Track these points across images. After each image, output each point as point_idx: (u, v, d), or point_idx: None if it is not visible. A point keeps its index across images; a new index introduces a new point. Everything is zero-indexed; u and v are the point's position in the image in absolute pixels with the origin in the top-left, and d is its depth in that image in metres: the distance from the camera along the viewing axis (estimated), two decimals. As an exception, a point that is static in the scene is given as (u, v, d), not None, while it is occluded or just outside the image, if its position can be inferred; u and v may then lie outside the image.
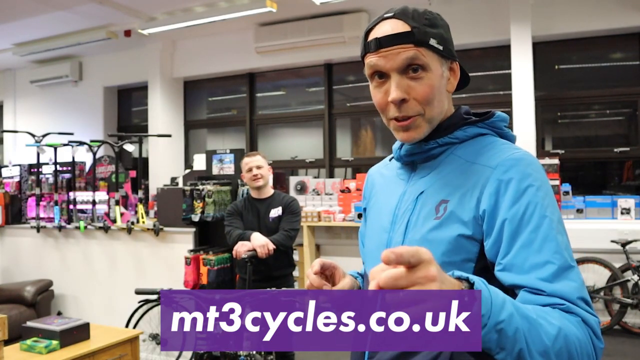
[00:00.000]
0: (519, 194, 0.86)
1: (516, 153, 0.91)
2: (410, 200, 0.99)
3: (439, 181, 0.96)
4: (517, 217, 0.85)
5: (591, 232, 4.62)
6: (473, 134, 0.99)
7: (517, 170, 0.88)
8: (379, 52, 0.93)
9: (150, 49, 7.04)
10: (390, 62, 0.92)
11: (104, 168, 5.06)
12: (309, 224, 5.38)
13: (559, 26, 5.32)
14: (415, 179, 1.01)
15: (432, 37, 0.93)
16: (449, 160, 0.97)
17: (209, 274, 3.55)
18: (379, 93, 0.96)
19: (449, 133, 0.98)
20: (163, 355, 3.95)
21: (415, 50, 0.91)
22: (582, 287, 0.83)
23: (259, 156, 3.18)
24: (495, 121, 1.00)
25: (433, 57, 0.94)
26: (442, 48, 0.95)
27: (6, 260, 4.94)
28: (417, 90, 0.92)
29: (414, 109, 0.93)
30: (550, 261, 0.82)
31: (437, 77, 0.94)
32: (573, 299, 0.81)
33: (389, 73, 0.93)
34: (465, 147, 0.98)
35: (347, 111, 6.89)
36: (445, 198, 0.93)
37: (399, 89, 0.92)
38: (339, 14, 5.98)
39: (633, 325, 4.42)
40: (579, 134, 5.95)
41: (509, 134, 1.02)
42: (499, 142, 0.97)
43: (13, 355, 2.40)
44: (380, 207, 1.08)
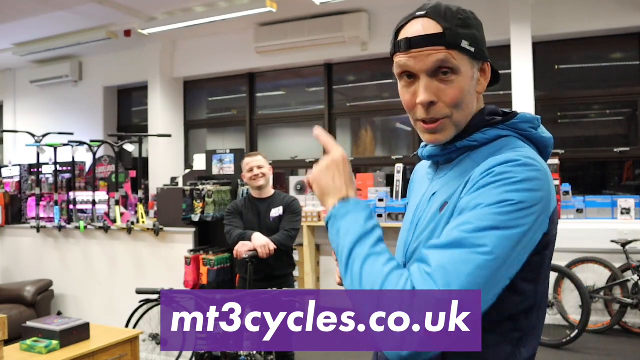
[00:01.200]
0: (484, 184, 0.83)
1: (517, 154, 0.85)
2: (425, 201, 1.01)
3: (448, 183, 0.97)
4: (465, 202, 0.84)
5: (591, 232, 4.61)
6: (493, 137, 0.95)
7: (501, 167, 0.83)
8: (409, 52, 0.91)
9: (150, 49, 7.04)
10: (420, 63, 0.91)
11: (104, 168, 5.06)
12: (309, 224, 5.38)
13: (559, 26, 5.32)
14: (436, 179, 1.02)
15: (464, 38, 0.91)
16: (464, 163, 0.96)
17: (209, 274, 3.55)
18: (408, 93, 0.94)
19: (468, 136, 0.96)
20: (163, 355, 3.95)
21: (446, 53, 0.89)
22: (456, 264, 0.77)
23: (259, 156, 3.19)
24: (517, 122, 0.96)
25: (464, 59, 0.92)
26: (474, 50, 0.93)
27: (6, 260, 4.94)
28: (446, 93, 0.91)
29: (441, 112, 0.92)
30: (449, 235, 0.80)
31: (467, 80, 0.92)
32: (432, 264, 0.78)
33: (419, 74, 0.92)
34: (483, 150, 0.95)
35: (347, 111, 6.89)
36: (447, 200, 0.93)
37: (427, 91, 0.91)
38: (339, 14, 5.98)
39: (633, 325, 4.42)
40: (579, 134, 5.95)
41: (537, 136, 0.96)
42: (517, 144, 0.93)
43: (13, 355, 2.40)
44: (410, 205, 1.11)
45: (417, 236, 0.97)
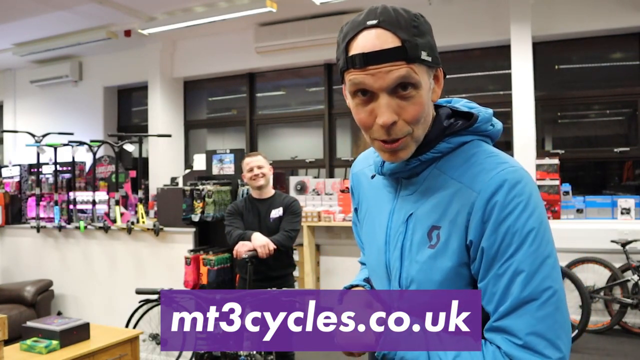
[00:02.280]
0: (499, 221, 0.83)
1: (501, 172, 0.85)
2: (401, 222, 0.95)
3: (426, 203, 0.92)
4: (495, 246, 0.83)
5: (591, 232, 4.61)
6: (457, 144, 0.92)
7: (501, 195, 0.83)
8: (366, 69, 0.84)
9: (150, 49, 7.04)
10: (379, 81, 0.83)
11: (104, 168, 5.06)
12: (309, 224, 5.38)
13: (559, 26, 5.31)
14: (402, 195, 0.97)
15: (423, 49, 0.85)
16: (433, 176, 0.92)
17: (209, 274, 3.55)
18: (363, 112, 0.87)
19: (431, 148, 0.92)
20: (163, 355, 3.95)
21: (407, 68, 0.83)
22: (541, 321, 0.80)
23: (259, 156, 3.19)
24: (479, 126, 0.93)
25: (423, 70, 0.86)
26: (431, 59, 0.87)
27: (6, 260, 4.94)
28: (407, 110, 0.85)
29: (402, 130, 0.86)
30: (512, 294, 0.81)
31: (426, 92, 0.87)
32: (520, 335, 0.80)
33: (377, 92, 0.85)
34: (449, 159, 0.92)
35: (347, 111, 6.85)
36: (436, 224, 0.90)
37: (389, 111, 0.84)
38: (339, 14, 5.98)
39: (633, 325, 4.42)
40: (579, 134, 5.95)
41: (494, 131, 0.96)
42: (484, 152, 0.91)
43: (13, 355, 2.40)
44: (373, 219, 1.04)
45: (406, 263, 0.93)
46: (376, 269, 1.02)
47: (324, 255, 5.69)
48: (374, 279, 1.05)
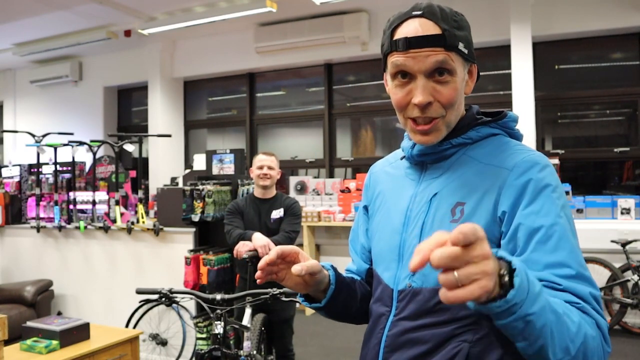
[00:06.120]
0: (536, 194, 0.87)
1: (531, 155, 0.92)
2: (424, 202, 0.98)
3: (453, 182, 0.96)
4: (534, 216, 0.85)
5: (591, 232, 4.61)
6: (485, 134, 0.99)
7: (534, 172, 0.89)
8: (407, 52, 0.92)
9: (150, 49, 7.04)
10: (418, 64, 0.91)
11: (104, 168, 5.06)
12: (309, 224, 5.38)
13: (558, 26, 5.32)
14: (426, 179, 1.01)
15: (460, 40, 0.93)
16: (462, 161, 0.97)
17: (209, 274, 3.55)
18: (401, 92, 0.95)
19: (462, 134, 0.98)
20: (163, 355, 3.95)
21: (445, 55, 0.91)
22: (596, 289, 0.83)
23: (273, 157, 3.20)
24: (507, 121, 1.01)
25: (459, 60, 0.93)
26: (467, 52, 0.95)
27: (6, 260, 4.94)
28: (442, 93, 0.92)
29: (437, 111, 0.93)
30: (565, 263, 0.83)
31: (461, 81, 0.94)
32: (589, 300, 0.81)
33: (416, 74, 0.92)
34: (478, 147, 0.98)
35: (347, 111, 6.89)
36: (461, 200, 0.93)
37: (425, 92, 0.92)
38: (339, 14, 5.98)
39: (633, 325, 4.42)
40: (579, 134, 5.95)
41: (518, 133, 1.03)
42: (512, 142, 0.98)
43: (13, 355, 2.40)
44: (389, 207, 1.06)
45: (426, 238, 0.94)
46: (384, 254, 1.03)
47: (324, 255, 5.69)
48: (380, 265, 1.05)
